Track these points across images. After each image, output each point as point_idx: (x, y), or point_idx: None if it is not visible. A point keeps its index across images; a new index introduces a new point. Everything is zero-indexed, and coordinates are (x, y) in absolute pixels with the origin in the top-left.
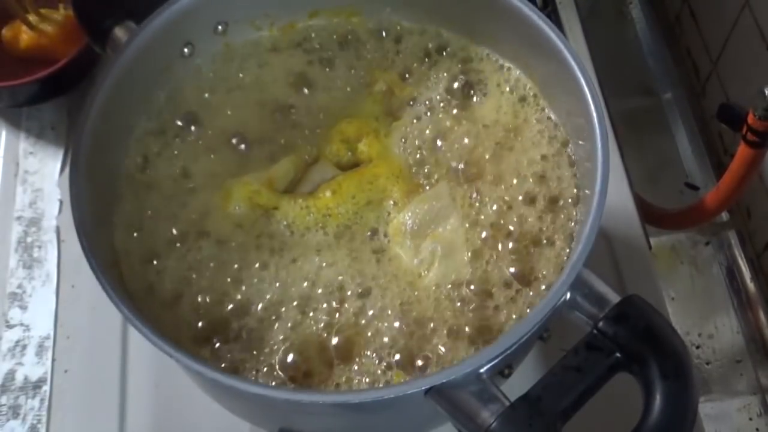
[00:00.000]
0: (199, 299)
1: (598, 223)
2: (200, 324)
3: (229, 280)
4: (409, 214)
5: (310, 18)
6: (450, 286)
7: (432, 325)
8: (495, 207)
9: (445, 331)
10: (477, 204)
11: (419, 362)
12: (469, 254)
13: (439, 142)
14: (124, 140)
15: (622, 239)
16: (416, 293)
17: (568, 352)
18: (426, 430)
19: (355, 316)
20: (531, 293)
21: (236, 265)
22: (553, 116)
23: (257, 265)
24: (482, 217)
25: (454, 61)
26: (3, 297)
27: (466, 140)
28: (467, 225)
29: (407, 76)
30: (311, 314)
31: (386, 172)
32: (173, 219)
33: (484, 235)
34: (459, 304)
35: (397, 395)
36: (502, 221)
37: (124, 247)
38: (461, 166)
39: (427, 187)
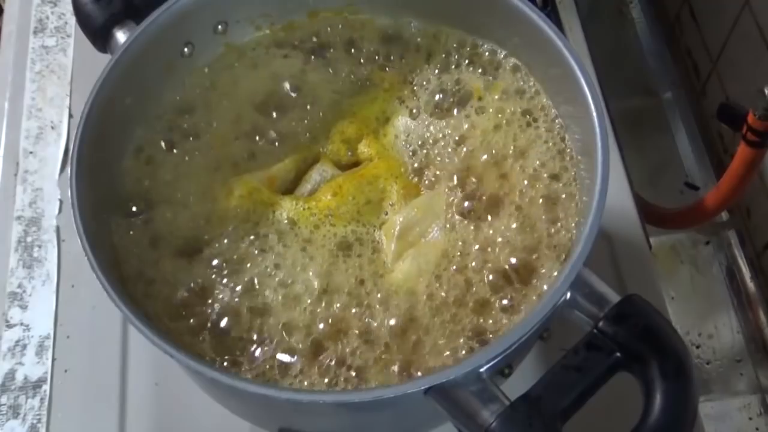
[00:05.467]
0: (201, 298)
1: (598, 223)
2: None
3: (230, 278)
4: (401, 218)
5: (310, 18)
6: (403, 293)
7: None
8: (490, 211)
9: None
10: (466, 219)
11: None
12: (438, 268)
13: (439, 143)
14: (125, 140)
15: (622, 239)
16: (392, 295)
17: (568, 352)
18: (426, 430)
19: (343, 312)
20: (481, 321)
21: (236, 264)
22: (553, 116)
23: (256, 264)
24: (471, 228)
25: (454, 61)
26: (3, 297)
27: (466, 141)
28: (450, 238)
29: (408, 75)
30: (311, 312)
31: (385, 173)
32: (174, 218)
33: (463, 250)
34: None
35: (397, 395)
36: (493, 228)
37: (124, 248)
38: (460, 169)
39: (425, 189)
